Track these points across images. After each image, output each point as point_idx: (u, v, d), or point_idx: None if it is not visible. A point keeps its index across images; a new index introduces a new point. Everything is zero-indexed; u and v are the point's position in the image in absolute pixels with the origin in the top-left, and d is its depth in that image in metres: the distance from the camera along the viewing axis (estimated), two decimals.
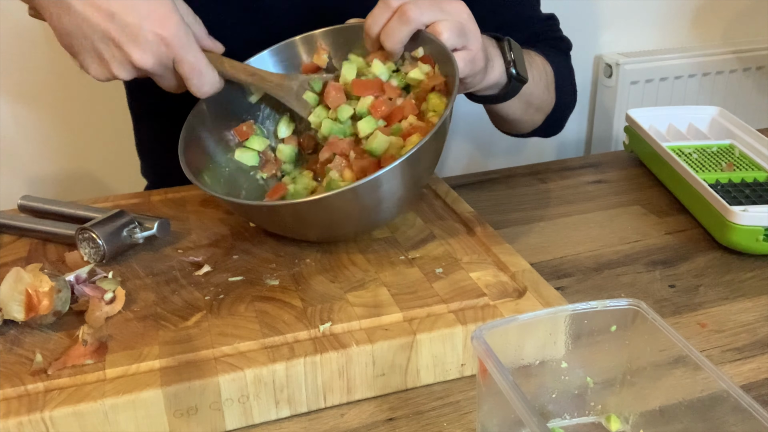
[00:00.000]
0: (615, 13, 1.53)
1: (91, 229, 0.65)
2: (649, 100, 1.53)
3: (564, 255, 0.76)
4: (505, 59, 0.76)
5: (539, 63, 0.89)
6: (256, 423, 0.53)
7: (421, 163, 0.63)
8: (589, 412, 0.52)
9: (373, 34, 0.68)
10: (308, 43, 0.77)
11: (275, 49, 0.77)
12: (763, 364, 0.59)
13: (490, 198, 0.90)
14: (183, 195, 0.81)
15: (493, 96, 0.80)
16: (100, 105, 1.29)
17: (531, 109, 0.90)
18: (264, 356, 0.53)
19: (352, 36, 0.74)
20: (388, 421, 0.54)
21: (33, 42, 1.22)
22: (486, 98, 0.81)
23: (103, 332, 0.56)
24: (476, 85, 0.74)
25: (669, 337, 0.46)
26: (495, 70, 0.75)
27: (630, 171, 0.98)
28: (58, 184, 1.33)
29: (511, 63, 0.76)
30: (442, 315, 0.57)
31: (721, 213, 0.75)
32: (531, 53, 0.88)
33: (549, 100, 0.92)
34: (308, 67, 0.77)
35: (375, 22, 0.68)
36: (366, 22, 0.69)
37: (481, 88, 0.75)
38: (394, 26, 0.66)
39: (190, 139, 0.70)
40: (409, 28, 0.66)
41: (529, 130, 0.96)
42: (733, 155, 0.90)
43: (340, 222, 0.65)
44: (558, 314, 0.49)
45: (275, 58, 0.77)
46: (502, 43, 0.77)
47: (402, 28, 0.66)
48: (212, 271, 0.64)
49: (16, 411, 0.48)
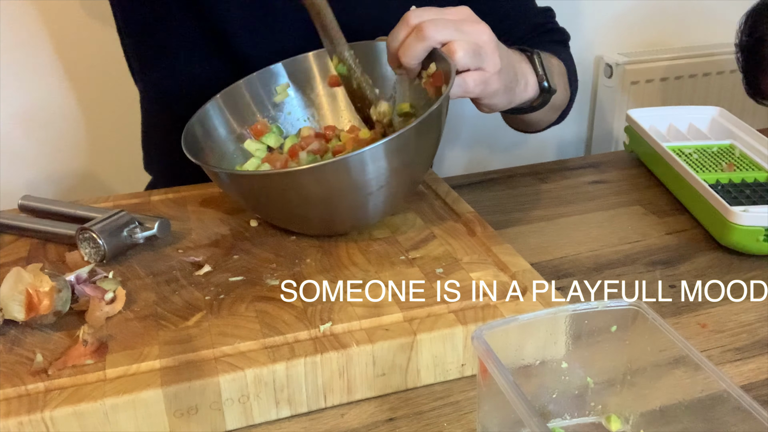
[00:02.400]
0: (615, 13, 1.53)
1: (91, 229, 0.65)
2: (649, 100, 1.53)
3: (564, 255, 0.76)
4: (537, 73, 0.78)
5: (556, 66, 0.90)
6: (256, 423, 0.53)
7: (408, 152, 0.64)
8: (590, 412, 0.52)
9: (393, 50, 0.70)
10: (321, 58, 0.81)
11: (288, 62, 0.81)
12: (763, 364, 0.59)
13: (491, 198, 0.90)
14: (183, 195, 0.81)
15: (525, 107, 0.82)
16: (100, 105, 1.29)
17: (551, 111, 0.92)
18: (264, 356, 0.53)
19: (371, 52, 0.78)
20: (388, 421, 0.54)
21: (34, 42, 1.22)
22: (517, 110, 0.82)
23: (104, 332, 0.56)
24: (510, 104, 0.76)
25: (669, 338, 0.46)
26: (530, 87, 0.77)
27: (630, 171, 0.98)
28: (58, 184, 1.33)
29: (543, 77, 0.78)
30: (442, 315, 0.57)
31: (722, 213, 0.75)
32: (547, 56, 0.89)
33: (566, 98, 0.95)
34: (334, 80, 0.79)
35: (394, 38, 0.69)
36: (388, 39, 0.70)
37: (517, 105, 0.77)
38: (410, 43, 0.68)
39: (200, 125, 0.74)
40: (424, 46, 0.68)
41: (545, 128, 0.98)
42: (733, 155, 0.90)
43: (332, 199, 0.65)
44: (558, 314, 0.49)
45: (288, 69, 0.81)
46: (532, 57, 0.79)
47: (417, 45, 0.67)
48: (212, 271, 0.64)
49: (17, 411, 0.48)
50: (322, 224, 0.69)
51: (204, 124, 0.76)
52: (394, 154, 0.62)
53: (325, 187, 0.62)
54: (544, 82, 0.78)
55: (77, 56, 1.25)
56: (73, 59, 1.25)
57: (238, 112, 0.79)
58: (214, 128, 0.77)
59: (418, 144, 0.64)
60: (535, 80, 0.78)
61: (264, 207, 0.70)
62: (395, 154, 0.62)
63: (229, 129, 0.78)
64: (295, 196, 0.64)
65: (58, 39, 1.23)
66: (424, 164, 0.70)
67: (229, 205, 0.77)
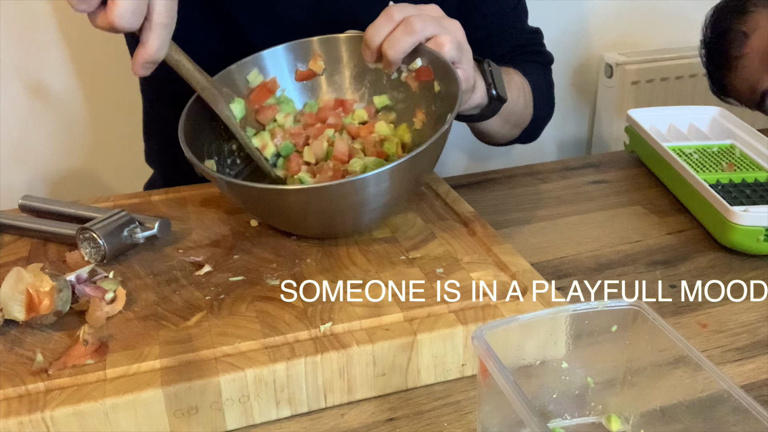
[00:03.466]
0: (615, 13, 1.53)
1: (91, 228, 0.65)
2: (649, 100, 1.53)
3: (564, 255, 0.76)
4: (486, 81, 0.79)
5: (518, 81, 0.91)
6: (256, 423, 0.53)
7: (413, 170, 0.64)
8: (590, 412, 0.52)
9: (373, 45, 0.70)
10: (304, 49, 0.78)
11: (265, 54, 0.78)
12: (763, 364, 0.59)
13: (491, 198, 0.90)
14: (183, 195, 0.81)
15: (474, 115, 0.83)
16: (101, 104, 1.29)
17: (509, 125, 0.93)
18: (265, 356, 0.53)
19: (349, 46, 0.76)
20: (388, 421, 0.54)
21: (35, 42, 1.22)
22: (467, 117, 0.83)
23: (104, 332, 0.56)
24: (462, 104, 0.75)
25: (669, 338, 0.46)
26: (477, 90, 0.77)
27: (630, 171, 0.98)
28: (58, 183, 1.33)
29: (491, 84, 0.79)
30: (442, 315, 0.57)
31: (722, 213, 0.75)
32: (510, 72, 0.91)
33: (527, 116, 0.96)
34: (303, 74, 0.78)
35: (377, 33, 0.69)
36: (367, 33, 0.70)
37: (465, 108, 0.77)
38: (398, 36, 0.68)
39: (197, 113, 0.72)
40: (412, 40, 0.68)
41: (506, 142, 1.00)
42: (733, 155, 0.90)
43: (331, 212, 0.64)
44: (558, 314, 0.49)
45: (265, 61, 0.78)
46: (482, 65, 0.79)
47: (406, 39, 0.68)
48: (213, 271, 0.64)
49: (17, 411, 0.48)
50: (320, 230, 0.69)
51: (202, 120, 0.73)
52: (399, 174, 0.61)
53: (325, 203, 0.62)
54: (492, 89, 0.78)
55: (78, 56, 1.25)
56: (73, 59, 1.25)
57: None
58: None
59: (422, 161, 0.64)
60: (483, 85, 0.78)
61: (261, 213, 0.70)
62: (400, 174, 0.62)
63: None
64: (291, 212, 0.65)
65: (59, 39, 1.23)
66: (426, 174, 0.70)
67: (229, 205, 0.77)
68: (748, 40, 1.05)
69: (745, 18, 1.06)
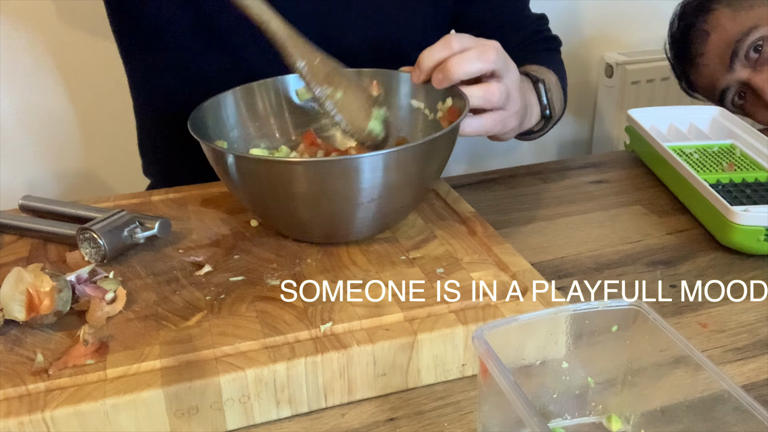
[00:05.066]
0: (615, 13, 1.53)
1: (92, 229, 0.65)
2: (649, 100, 1.53)
3: (565, 255, 0.76)
4: (541, 103, 0.80)
5: (554, 83, 0.91)
6: (257, 423, 0.53)
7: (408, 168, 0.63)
8: (590, 412, 0.52)
9: (425, 67, 0.70)
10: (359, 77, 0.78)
11: None
12: (764, 364, 0.59)
13: (491, 198, 0.90)
14: (184, 195, 0.81)
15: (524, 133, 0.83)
16: (101, 105, 1.29)
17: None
18: (265, 356, 0.53)
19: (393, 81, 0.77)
20: (388, 421, 0.54)
21: (35, 42, 1.22)
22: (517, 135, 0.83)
23: (104, 332, 0.56)
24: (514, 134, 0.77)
25: (670, 337, 0.46)
26: (534, 116, 0.78)
27: (631, 171, 0.98)
28: (58, 184, 1.33)
29: (546, 107, 0.80)
30: (443, 315, 0.57)
31: (722, 213, 0.75)
32: (547, 76, 0.89)
33: (562, 110, 0.96)
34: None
35: (431, 56, 0.69)
36: (422, 55, 0.70)
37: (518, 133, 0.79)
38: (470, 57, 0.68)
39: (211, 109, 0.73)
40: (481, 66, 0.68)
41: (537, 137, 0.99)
42: (734, 155, 0.90)
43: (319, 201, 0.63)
44: (559, 314, 0.49)
45: None
46: (537, 85, 0.81)
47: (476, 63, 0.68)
48: (213, 271, 0.64)
49: (17, 411, 0.48)
50: (321, 230, 0.68)
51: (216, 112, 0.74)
52: (393, 168, 0.61)
53: (314, 185, 0.62)
54: (546, 110, 0.80)
55: (78, 56, 1.25)
56: (73, 59, 1.25)
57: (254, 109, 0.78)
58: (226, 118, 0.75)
59: (418, 165, 0.64)
60: (539, 109, 0.80)
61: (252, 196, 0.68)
62: (394, 168, 0.61)
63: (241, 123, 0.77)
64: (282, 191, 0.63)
65: (58, 40, 1.23)
66: (418, 189, 0.68)
67: (229, 205, 0.77)
68: (709, 37, 1.05)
69: (707, 16, 1.06)
